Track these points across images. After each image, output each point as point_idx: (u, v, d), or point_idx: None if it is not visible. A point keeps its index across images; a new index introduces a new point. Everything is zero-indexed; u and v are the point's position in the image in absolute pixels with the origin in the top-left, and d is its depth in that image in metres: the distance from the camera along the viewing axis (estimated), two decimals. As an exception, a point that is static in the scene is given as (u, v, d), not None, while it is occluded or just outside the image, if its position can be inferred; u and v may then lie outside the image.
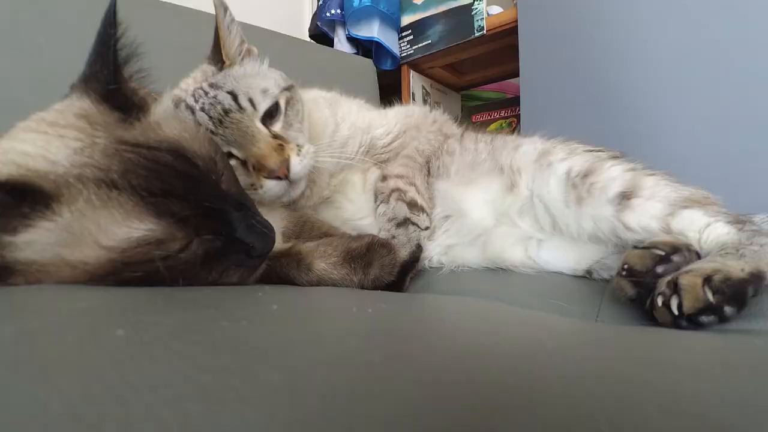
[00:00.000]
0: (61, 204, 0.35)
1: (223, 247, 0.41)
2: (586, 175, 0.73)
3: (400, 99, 1.89)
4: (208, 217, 0.40)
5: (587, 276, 0.79)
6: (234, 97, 0.62)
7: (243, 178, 0.60)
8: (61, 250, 0.35)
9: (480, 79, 2.04)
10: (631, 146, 0.79)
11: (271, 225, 0.46)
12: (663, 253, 0.55)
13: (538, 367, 0.24)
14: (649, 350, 0.32)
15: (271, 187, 0.62)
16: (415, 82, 1.90)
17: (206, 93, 0.63)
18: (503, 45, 1.59)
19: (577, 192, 0.73)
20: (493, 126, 1.89)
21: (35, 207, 0.34)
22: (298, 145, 0.65)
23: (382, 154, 0.84)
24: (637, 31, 1.20)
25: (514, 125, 1.83)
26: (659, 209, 0.66)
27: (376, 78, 1.61)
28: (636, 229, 0.67)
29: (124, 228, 0.36)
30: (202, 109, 0.61)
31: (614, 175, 0.72)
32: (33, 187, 0.34)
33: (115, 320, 0.26)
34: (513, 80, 1.90)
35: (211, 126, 0.60)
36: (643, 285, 0.55)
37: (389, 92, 1.81)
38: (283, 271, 0.53)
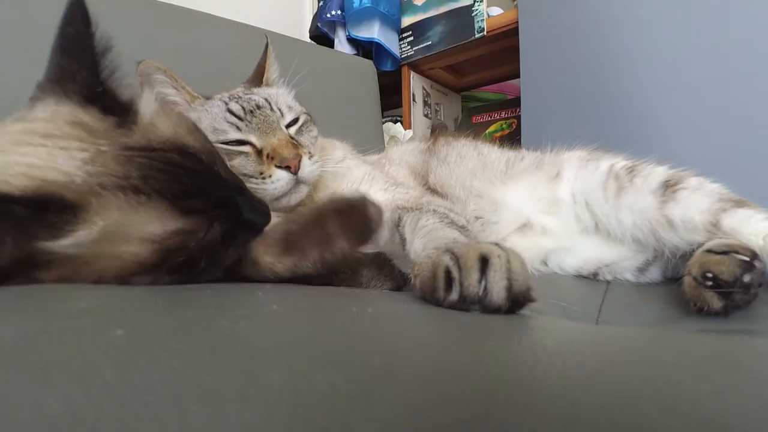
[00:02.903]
0: (91, 213, 0.35)
1: (233, 227, 0.44)
2: (630, 169, 0.72)
3: (401, 100, 1.89)
4: (220, 205, 0.43)
5: (591, 277, 0.80)
6: (267, 100, 0.72)
7: (254, 166, 0.66)
8: (103, 248, 0.37)
9: (480, 80, 2.04)
10: (631, 147, 0.79)
11: (264, 201, 0.49)
12: (747, 259, 0.50)
13: (539, 367, 0.24)
14: (649, 350, 0.32)
15: (280, 177, 0.65)
16: (415, 83, 1.90)
17: (242, 95, 0.73)
18: (503, 46, 1.59)
19: (618, 182, 0.71)
20: (493, 127, 1.89)
21: (62, 217, 0.35)
22: (310, 153, 0.71)
23: None
24: (637, 31, 1.20)
25: (514, 126, 1.83)
26: (707, 203, 0.62)
27: (377, 79, 1.61)
28: (677, 225, 0.63)
29: (159, 226, 0.38)
30: (236, 101, 0.70)
31: (659, 170, 0.70)
32: (55, 198, 0.34)
33: (115, 320, 0.26)
34: (513, 81, 1.90)
35: (241, 113, 0.68)
36: (729, 297, 0.49)
37: (389, 93, 1.81)
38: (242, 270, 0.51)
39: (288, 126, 0.73)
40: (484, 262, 0.37)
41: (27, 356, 0.21)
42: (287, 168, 0.65)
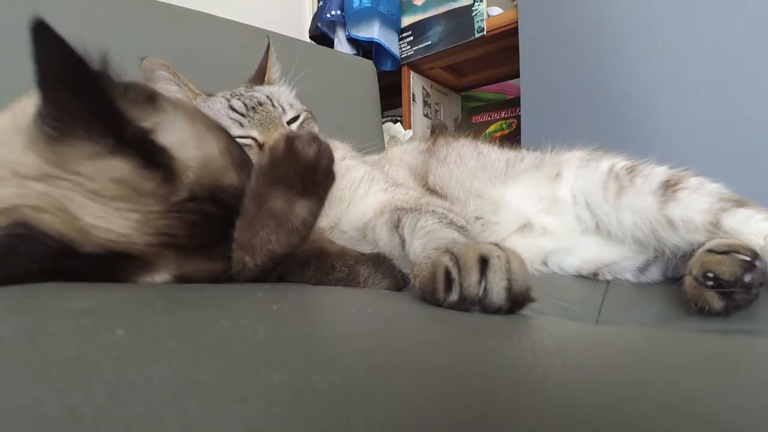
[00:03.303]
0: (158, 267, 0.39)
1: None
2: (630, 169, 0.72)
3: (401, 100, 1.89)
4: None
5: (591, 277, 0.80)
6: (268, 97, 0.74)
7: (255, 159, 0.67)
8: None
9: (480, 80, 2.04)
10: (631, 147, 0.79)
11: None
12: (748, 259, 0.50)
13: (539, 367, 0.24)
14: (649, 350, 0.32)
15: None
16: (415, 83, 1.90)
17: (244, 93, 0.74)
18: (503, 46, 1.60)
19: (619, 182, 0.71)
20: (493, 127, 1.89)
21: (133, 269, 0.39)
22: None
23: None
24: (637, 31, 1.20)
25: (514, 126, 1.83)
26: (707, 203, 0.62)
27: (377, 79, 1.61)
28: (678, 225, 0.63)
29: (196, 270, 0.42)
30: (238, 99, 0.72)
31: (659, 170, 0.70)
32: (122, 254, 0.38)
33: (115, 320, 0.26)
34: (513, 81, 1.90)
35: (243, 110, 0.71)
36: (730, 297, 0.49)
37: (389, 93, 1.81)
38: None
39: (289, 123, 0.74)
40: (483, 262, 0.37)
41: (26, 356, 0.21)
42: None
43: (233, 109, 0.70)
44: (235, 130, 0.68)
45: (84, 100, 0.36)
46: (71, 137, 0.37)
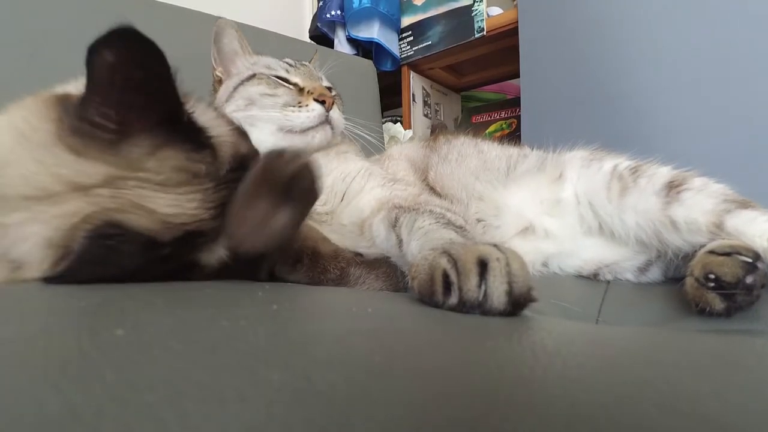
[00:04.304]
0: (216, 240, 0.42)
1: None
2: (634, 170, 0.72)
3: (401, 100, 1.89)
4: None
5: (591, 277, 0.79)
6: (311, 68, 0.89)
7: (294, 97, 0.78)
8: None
9: (480, 80, 2.04)
10: (631, 147, 0.79)
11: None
12: (750, 260, 0.50)
13: (539, 367, 0.24)
14: (649, 350, 0.32)
15: (315, 108, 0.76)
16: (415, 83, 1.90)
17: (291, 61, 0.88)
18: (503, 46, 1.59)
19: (622, 183, 0.71)
20: (493, 127, 1.89)
21: (207, 243, 0.42)
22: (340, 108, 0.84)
23: None
24: (638, 31, 1.20)
25: (514, 126, 1.83)
26: (711, 204, 0.61)
27: (377, 79, 1.61)
28: (681, 227, 0.63)
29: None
30: (285, 61, 0.85)
31: (662, 170, 0.70)
32: (196, 232, 0.41)
33: (115, 320, 0.26)
34: (513, 81, 1.90)
35: (291, 62, 0.85)
36: (732, 298, 0.49)
37: (389, 93, 1.81)
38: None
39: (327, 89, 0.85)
40: (482, 265, 0.37)
41: (26, 356, 0.21)
42: (322, 103, 0.77)
43: (284, 61, 0.85)
44: (281, 72, 0.81)
45: (156, 99, 0.38)
46: (132, 137, 0.38)
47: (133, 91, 0.37)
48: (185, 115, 0.42)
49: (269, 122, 0.74)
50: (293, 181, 0.41)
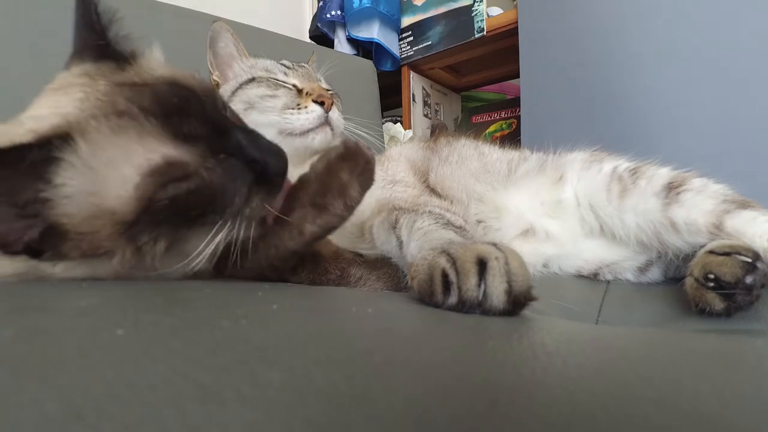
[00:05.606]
0: (77, 139, 0.36)
1: (239, 168, 0.42)
2: (633, 171, 0.72)
3: (401, 100, 1.89)
4: (217, 136, 0.41)
5: (592, 277, 0.79)
6: (309, 69, 0.89)
7: (292, 98, 0.77)
8: (91, 197, 0.37)
9: (480, 80, 2.04)
10: (631, 147, 0.79)
11: (278, 146, 0.47)
12: (749, 260, 0.50)
13: (539, 367, 0.24)
14: (649, 350, 0.32)
15: (314, 109, 0.76)
16: (415, 83, 1.90)
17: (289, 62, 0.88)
18: (503, 46, 1.59)
19: (622, 184, 0.71)
20: (493, 127, 1.89)
21: (58, 148, 0.36)
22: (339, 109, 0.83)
23: None
24: (637, 31, 1.20)
25: (514, 126, 1.83)
26: (711, 205, 0.62)
27: (377, 79, 1.61)
28: (681, 228, 0.63)
29: (142, 152, 0.37)
30: (283, 63, 0.85)
31: (662, 171, 0.70)
32: (51, 137, 0.36)
33: (115, 320, 0.26)
34: (513, 81, 1.90)
35: (289, 65, 0.84)
36: (732, 298, 0.49)
37: (390, 93, 1.81)
38: (280, 242, 0.50)
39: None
40: (481, 264, 0.37)
41: (26, 355, 0.21)
42: (321, 104, 0.76)
43: (281, 63, 0.85)
44: (280, 75, 0.81)
45: (87, 30, 0.45)
46: (70, 64, 0.45)
47: (79, 17, 0.46)
48: (106, 35, 0.45)
49: (269, 126, 0.73)
50: (366, 162, 0.48)
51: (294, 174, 0.73)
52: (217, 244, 0.41)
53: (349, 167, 0.48)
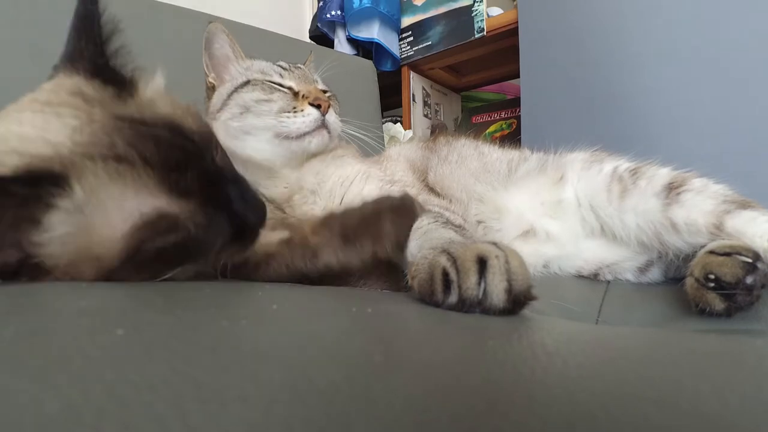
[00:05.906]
0: (73, 183, 0.35)
1: (223, 222, 0.42)
2: (634, 171, 0.72)
3: (401, 100, 1.89)
4: (210, 191, 0.41)
5: (592, 277, 0.79)
6: (305, 70, 0.87)
7: (289, 102, 0.75)
8: (78, 242, 0.36)
9: (480, 80, 2.04)
10: (631, 147, 0.79)
11: (262, 200, 0.47)
12: (750, 260, 0.50)
13: (539, 367, 0.24)
14: (649, 350, 0.32)
15: (310, 112, 0.74)
16: (415, 83, 1.90)
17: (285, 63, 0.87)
18: (503, 46, 1.59)
19: (622, 185, 0.71)
20: (493, 127, 1.89)
21: (49, 190, 0.34)
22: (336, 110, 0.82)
23: None
24: (638, 31, 1.20)
25: (514, 126, 1.83)
26: (711, 205, 0.62)
27: (377, 79, 1.61)
28: (681, 228, 0.63)
29: (136, 204, 0.37)
30: (279, 65, 0.83)
31: (662, 171, 0.70)
32: (43, 174, 0.34)
33: (115, 320, 0.26)
34: (513, 81, 1.90)
35: (285, 66, 0.83)
36: (732, 298, 0.49)
37: (390, 93, 1.81)
38: (291, 263, 0.51)
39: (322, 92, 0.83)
40: (481, 263, 0.37)
41: (26, 356, 0.21)
42: (318, 107, 0.74)
43: (277, 65, 0.83)
44: (276, 77, 0.79)
45: (85, 39, 0.43)
46: (60, 71, 0.44)
47: (78, 22, 0.44)
48: (106, 51, 0.44)
49: (265, 130, 0.73)
50: (409, 222, 0.50)
51: (290, 178, 0.74)
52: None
53: (397, 222, 0.48)
